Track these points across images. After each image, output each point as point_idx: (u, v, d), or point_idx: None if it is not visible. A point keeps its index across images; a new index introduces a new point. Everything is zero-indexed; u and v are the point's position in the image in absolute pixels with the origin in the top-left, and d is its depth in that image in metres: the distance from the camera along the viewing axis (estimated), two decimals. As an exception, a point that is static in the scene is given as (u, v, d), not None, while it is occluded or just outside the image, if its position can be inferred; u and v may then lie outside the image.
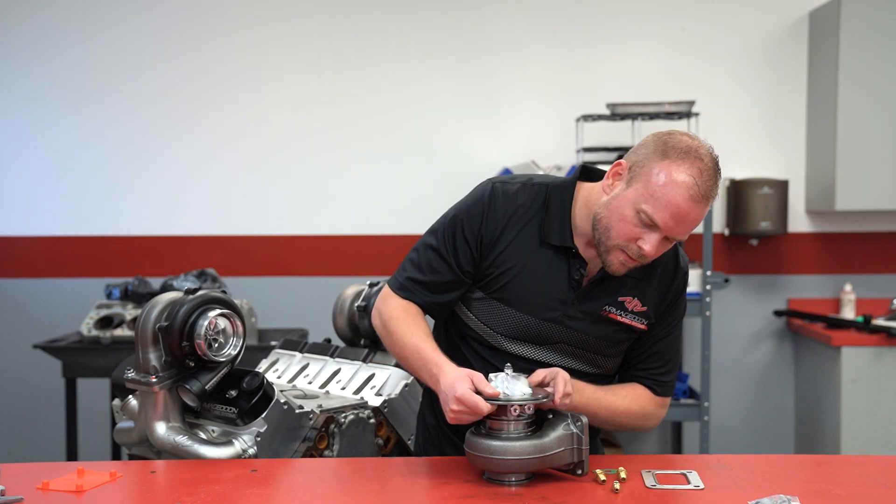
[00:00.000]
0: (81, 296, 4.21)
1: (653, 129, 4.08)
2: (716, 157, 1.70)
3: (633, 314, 1.85)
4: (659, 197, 1.66)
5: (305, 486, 1.69)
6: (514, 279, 1.83)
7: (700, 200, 1.66)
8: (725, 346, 4.30)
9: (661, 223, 1.68)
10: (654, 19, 4.29)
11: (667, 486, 1.62)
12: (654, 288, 1.86)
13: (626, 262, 1.74)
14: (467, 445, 1.66)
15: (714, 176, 1.68)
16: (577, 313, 1.83)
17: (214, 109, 4.35)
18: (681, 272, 1.90)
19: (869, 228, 4.30)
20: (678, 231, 1.69)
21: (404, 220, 4.29)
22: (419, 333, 1.81)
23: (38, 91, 4.36)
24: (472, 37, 4.30)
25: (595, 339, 1.85)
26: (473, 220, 1.84)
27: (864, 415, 3.83)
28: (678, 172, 1.65)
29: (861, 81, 3.97)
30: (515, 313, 1.84)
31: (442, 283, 1.86)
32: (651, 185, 1.67)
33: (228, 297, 1.97)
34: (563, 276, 1.82)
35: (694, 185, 1.65)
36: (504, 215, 1.83)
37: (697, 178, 1.65)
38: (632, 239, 1.71)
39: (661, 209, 1.66)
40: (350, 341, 2.58)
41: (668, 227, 1.68)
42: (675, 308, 1.91)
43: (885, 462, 1.80)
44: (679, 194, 1.65)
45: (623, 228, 1.71)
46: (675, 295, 1.89)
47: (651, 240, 1.70)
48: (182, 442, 1.87)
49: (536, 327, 1.84)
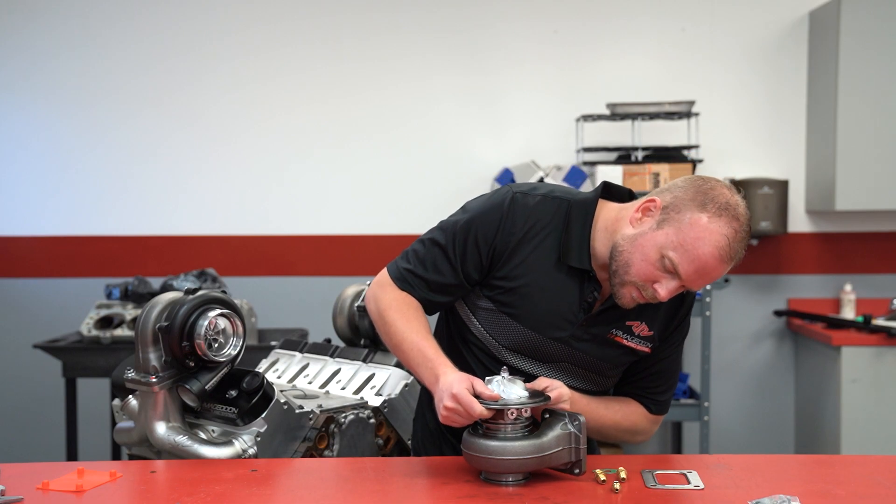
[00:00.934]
0: (81, 296, 4.21)
1: (653, 128, 4.14)
2: (749, 215, 1.68)
3: (639, 338, 1.83)
4: (689, 249, 1.64)
5: (305, 486, 1.69)
6: (525, 295, 1.79)
7: (727, 261, 1.65)
8: (725, 346, 4.30)
9: (683, 274, 1.66)
10: (654, 19, 4.29)
11: (667, 486, 1.62)
12: (662, 313, 1.84)
13: (637, 298, 1.72)
14: (464, 446, 1.65)
15: (746, 238, 1.66)
16: (585, 335, 1.81)
17: (214, 109, 4.35)
18: (690, 296, 1.86)
19: (869, 228, 4.30)
20: (697, 284, 1.69)
21: (404, 220, 4.29)
22: (420, 330, 1.78)
23: (37, 91, 4.36)
24: (473, 37, 4.30)
25: (598, 360, 1.84)
26: (489, 228, 1.78)
27: (864, 415, 3.83)
28: (713, 229, 1.63)
29: (861, 81, 3.97)
30: (522, 328, 1.80)
31: (442, 285, 1.82)
32: (683, 235, 1.64)
33: (228, 297, 1.96)
34: (575, 297, 1.79)
35: (727, 245, 1.63)
36: (522, 227, 1.78)
37: (731, 239, 1.63)
38: (650, 280, 1.69)
39: (689, 262, 1.64)
40: (350, 341, 2.58)
41: (689, 279, 1.67)
42: (680, 330, 1.89)
43: (885, 462, 1.80)
44: (709, 252, 1.63)
45: (644, 269, 1.68)
46: (682, 318, 1.88)
47: (669, 286, 1.68)
48: (182, 442, 1.87)
49: (541, 345, 1.81)
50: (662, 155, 3.96)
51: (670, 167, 3.80)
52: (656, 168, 3.80)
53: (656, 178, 3.78)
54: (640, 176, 3.78)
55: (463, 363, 1.85)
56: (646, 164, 3.84)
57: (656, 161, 3.91)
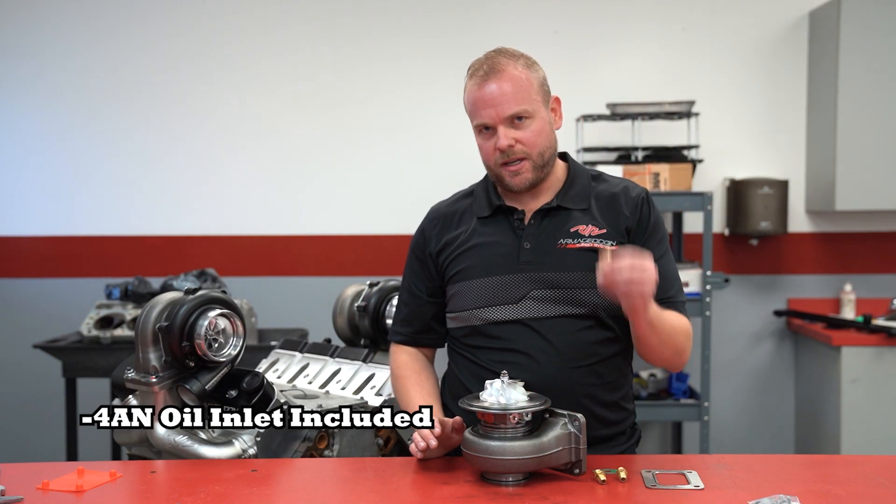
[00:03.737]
0: (81, 296, 4.21)
1: (653, 128, 4.14)
2: (495, 49, 1.87)
3: (594, 237, 1.85)
4: (471, 108, 1.85)
5: (305, 486, 1.69)
6: (464, 254, 1.91)
7: (489, 76, 1.81)
8: (725, 346, 4.30)
9: (487, 119, 1.82)
10: (655, 20, 4.29)
11: (667, 486, 1.62)
12: (601, 212, 1.89)
13: (511, 170, 1.85)
14: (464, 446, 1.66)
15: (493, 54, 1.84)
16: (533, 256, 1.86)
17: (215, 110, 4.35)
18: (623, 191, 1.91)
19: (869, 228, 4.30)
20: (503, 110, 1.80)
21: (404, 221, 4.28)
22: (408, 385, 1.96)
23: (38, 92, 4.36)
24: (473, 37, 4.30)
25: (563, 273, 1.84)
26: (418, 244, 2.01)
27: (864, 415, 3.83)
28: (467, 81, 1.86)
29: (861, 81, 3.97)
30: (479, 281, 1.88)
31: (417, 310, 2.00)
32: (467, 109, 1.87)
33: (228, 297, 1.97)
34: (506, 229, 1.90)
35: (475, 75, 1.83)
36: (437, 222, 1.98)
37: (476, 69, 1.83)
38: (491, 150, 1.84)
39: (477, 111, 1.83)
40: (350, 341, 2.59)
41: (493, 117, 1.81)
42: (651, 231, 1.89)
43: (885, 462, 1.80)
44: (474, 90, 1.83)
45: (484, 152, 1.87)
46: (634, 214, 1.88)
47: (500, 133, 1.81)
48: (182, 442, 1.88)
49: (502, 284, 1.86)
50: (662, 155, 3.96)
51: (670, 167, 3.79)
52: (656, 168, 3.79)
53: (656, 177, 3.78)
54: (640, 176, 3.78)
55: (457, 383, 1.95)
56: (646, 164, 3.84)
57: (656, 161, 3.91)
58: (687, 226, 4.18)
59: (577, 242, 1.84)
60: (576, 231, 1.85)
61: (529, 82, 1.82)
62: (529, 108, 1.81)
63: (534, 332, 1.84)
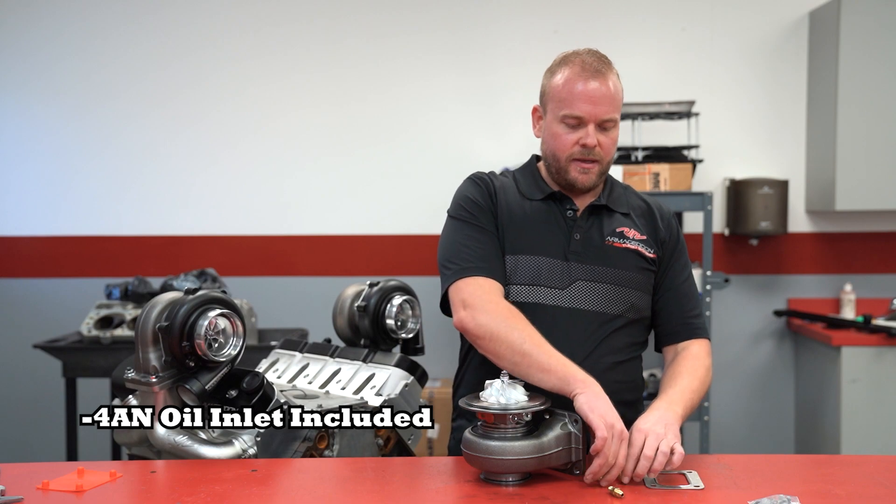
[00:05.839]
0: (81, 296, 4.21)
1: (653, 128, 4.14)
2: (593, 49, 1.93)
3: (637, 241, 1.95)
4: (565, 97, 1.87)
5: (305, 486, 1.69)
6: (516, 226, 1.93)
7: (595, 75, 1.86)
8: (725, 346, 4.30)
9: (582, 113, 1.86)
10: (654, 19, 4.29)
11: (667, 486, 1.62)
12: (640, 220, 1.99)
13: (582, 169, 1.89)
14: (464, 445, 1.65)
15: (597, 55, 1.90)
16: (581, 248, 1.92)
17: (214, 110, 4.35)
18: (656, 206, 2.02)
19: (869, 228, 4.30)
20: (600, 111, 1.86)
21: (404, 221, 4.29)
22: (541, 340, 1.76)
23: (38, 92, 4.37)
24: (473, 37, 4.30)
25: (608, 268, 1.91)
26: (480, 189, 1.98)
27: (864, 415, 3.83)
28: (569, 69, 1.89)
29: (861, 81, 3.97)
30: (528, 258, 1.90)
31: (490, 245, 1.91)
32: (556, 95, 1.89)
33: (228, 297, 1.96)
34: (558, 217, 1.95)
35: (581, 69, 1.87)
36: (493, 182, 2.00)
37: (582, 63, 1.87)
38: (570, 145, 1.89)
39: (575, 102, 1.86)
40: (350, 341, 2.58)
41: (590, 114, 1.86)
42: (680, 250, 2.01)
43: (885, 462, 1.80)
44: (577, 82, 1.86)
45: (560, 143, 1.90)
46: (668, 231, 2.00)
47: (589, 131, 1.86)
48: (182, 442, 1.87)
49: (551, 267, 1.90)
50: (662, 155, 3.96)
51: (670, 167, 3.79)
52: (656, 168, 3.79)
53: (656, 177, 3.78)
54: (640, 176, 3.78)
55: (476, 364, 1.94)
56: (646, 163, 3.84)
57: (656, 161, 3.91)
58: (687, 226, 4.18)
59: (623, 242, 1.94)
60: (621, 232, 1.95)
61: (620, 95, 1.93)
62: (617, 118, 1.91)
63: (574, 321, 1.88)
